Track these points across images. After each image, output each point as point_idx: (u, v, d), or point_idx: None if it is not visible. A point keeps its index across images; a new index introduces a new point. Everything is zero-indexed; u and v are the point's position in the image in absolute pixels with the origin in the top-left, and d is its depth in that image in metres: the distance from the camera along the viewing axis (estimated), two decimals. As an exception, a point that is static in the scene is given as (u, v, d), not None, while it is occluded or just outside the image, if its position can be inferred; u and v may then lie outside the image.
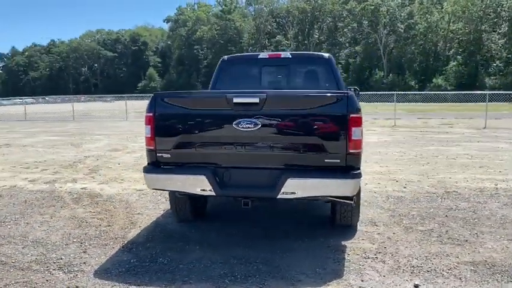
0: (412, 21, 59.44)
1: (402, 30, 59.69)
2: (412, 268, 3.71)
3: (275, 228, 4.80)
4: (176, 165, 4.05)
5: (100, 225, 5.04)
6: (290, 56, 5.82)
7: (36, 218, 5.32)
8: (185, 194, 4.19)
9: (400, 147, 11.23)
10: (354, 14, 65.05)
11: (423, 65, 60.85)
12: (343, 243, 4.29)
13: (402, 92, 27.56)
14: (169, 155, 4.02)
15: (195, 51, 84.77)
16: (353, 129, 3.67)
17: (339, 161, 3.73)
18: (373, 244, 4.28)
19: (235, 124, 3.75)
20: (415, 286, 3.40)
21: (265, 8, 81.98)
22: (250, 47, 77.75)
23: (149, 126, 4.00)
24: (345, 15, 68.36)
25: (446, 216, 5.17)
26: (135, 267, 3.82)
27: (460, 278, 3.51)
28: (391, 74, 58.38)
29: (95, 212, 5.58)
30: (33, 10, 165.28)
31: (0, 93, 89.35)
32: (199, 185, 3.88)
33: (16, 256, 4.12)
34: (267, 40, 79.44)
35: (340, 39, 70.22)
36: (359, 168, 3.80)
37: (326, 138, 3.72)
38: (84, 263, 3.93)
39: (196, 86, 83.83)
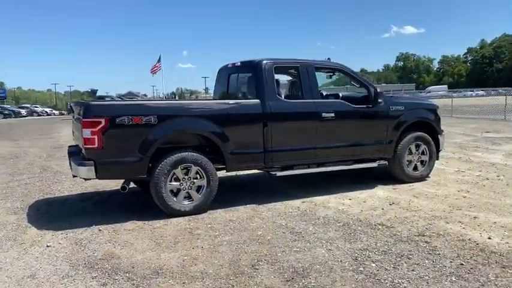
0: None
1: None
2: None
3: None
4: None
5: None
6: (239, 64, 6.51)
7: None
8: None
9: None
10: None
11: None
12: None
13: None
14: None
15: None
16: (83, 130, 5.03)
17: (83, 153, 5.21)
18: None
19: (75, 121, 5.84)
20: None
21: None
22: None
23: None
24: None
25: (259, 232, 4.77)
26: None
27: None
28: None
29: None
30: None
31: (465, 84, 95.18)
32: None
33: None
34: None
35: None
36: (90, 159, 5.04)
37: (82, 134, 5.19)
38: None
39: None
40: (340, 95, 7.00)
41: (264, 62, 5.85)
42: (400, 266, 3.75)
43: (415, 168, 6.92)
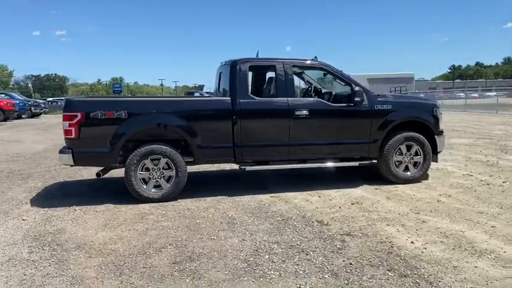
0: None
1: None
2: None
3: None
4: None
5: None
6: (224, 63, 6.94)
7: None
8: None
9: None
10: None
11: None
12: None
13: None
14: None
15: None
16: (63, 122, 5.84)
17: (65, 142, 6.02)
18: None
19: None
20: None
21: None
22: None
23: None
24: None
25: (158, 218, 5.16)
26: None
27: None
28: None
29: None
30: None
31: None
32: None
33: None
34: None
35: None
36: (69, 149, 5.84)
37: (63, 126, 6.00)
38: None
39: None
40: (333, 93, 7.03)
41: (238, 61, 6.16)
42: (290, 260, 3.88)
43: (406, 169, 6.68)
